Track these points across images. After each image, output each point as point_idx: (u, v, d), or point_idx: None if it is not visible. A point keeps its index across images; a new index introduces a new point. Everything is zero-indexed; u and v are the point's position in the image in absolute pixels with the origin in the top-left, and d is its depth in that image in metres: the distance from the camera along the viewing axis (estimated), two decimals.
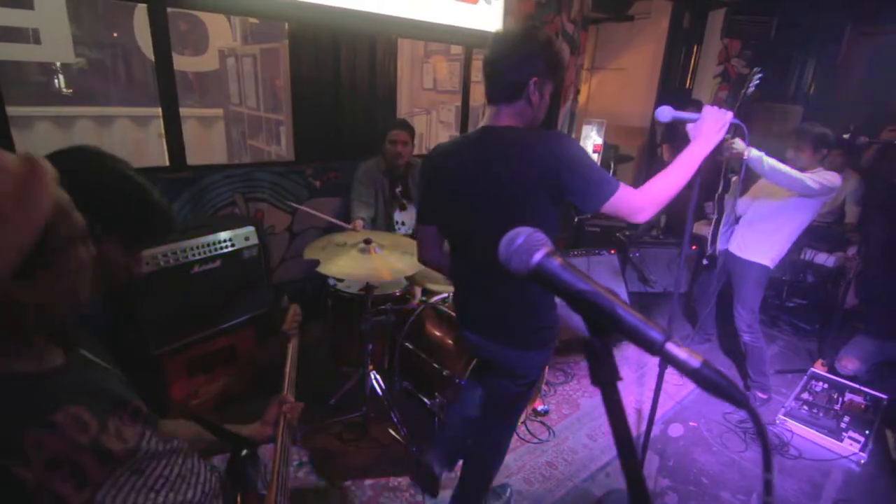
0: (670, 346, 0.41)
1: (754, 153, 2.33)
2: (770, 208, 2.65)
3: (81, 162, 0.84)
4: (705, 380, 0.39)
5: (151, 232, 0.92)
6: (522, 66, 1.30)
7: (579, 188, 1.28)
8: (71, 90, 4.68)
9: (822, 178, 2.43)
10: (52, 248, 0.61)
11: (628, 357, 3.25)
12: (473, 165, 1.37)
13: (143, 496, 0.76)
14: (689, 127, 1.45)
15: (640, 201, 1.28)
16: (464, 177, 1.39)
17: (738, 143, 2.33)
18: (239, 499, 0.97)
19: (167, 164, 2.63)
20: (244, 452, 1.04)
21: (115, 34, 4.67)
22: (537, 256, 0.48)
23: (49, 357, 0.73)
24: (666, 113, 1.46)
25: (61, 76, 4.66)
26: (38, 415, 0.65)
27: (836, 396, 2.81)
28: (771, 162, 2.35)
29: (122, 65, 4.75)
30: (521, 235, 0.50)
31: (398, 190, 2.86)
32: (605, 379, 0.44)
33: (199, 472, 0.89)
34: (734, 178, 2.64)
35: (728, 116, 1.38)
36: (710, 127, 1.36)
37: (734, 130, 2.20)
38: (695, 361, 0.40)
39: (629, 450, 0.44)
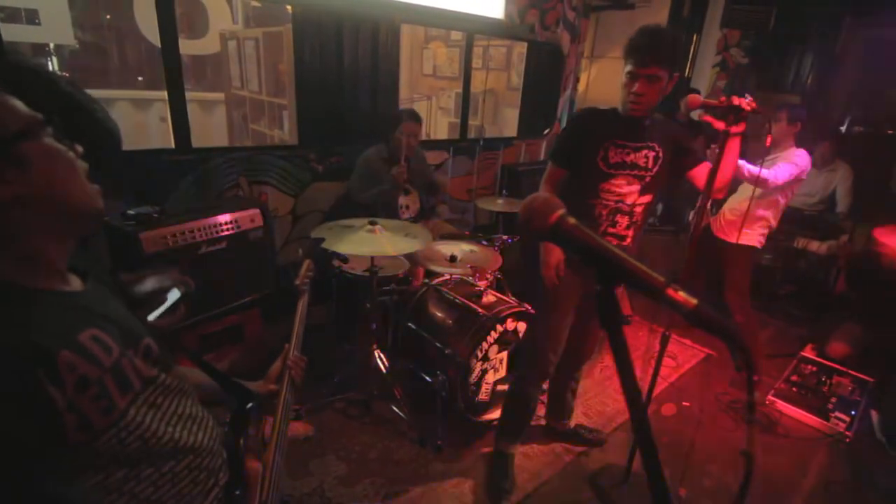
0: (670, 291, 0.47)
1: None
2: (749, 191, 2.73)
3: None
4: (702, 318, 0.45)
5: (97, 145, 0.89)
6: None
7: None
8: (65, 73, 4.67)
9: (786, 163, 2.55)
10: (13, 142, 0.63)
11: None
12: None
13: (162, 427, 0.77)
14: None
15: None
16: None
17: None
18: (240, 450, 0.97)
19: (172, 146, 2.66)
20: (248, 405, 1.06)
21: (108, 16, 4.65)
22: (554, 217, 0.54)
23: (70, 282, 0.74)
24: (697, 101, 1.66)
25: (54, 58, 4.64)
26: (69, 334, 0.66)
27: (824, 379, 2.90)
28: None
29: (121, 47, 4.74)
30: (540, 198, 0.56)
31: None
32: (613, 323, 0.50)
33: (206, 417, 0.90)
34: None
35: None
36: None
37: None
38: (692, 301, 0.46)
39: (634, 389, 0.50)
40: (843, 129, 4.66)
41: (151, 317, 1.11)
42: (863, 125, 4.10)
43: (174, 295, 1.19)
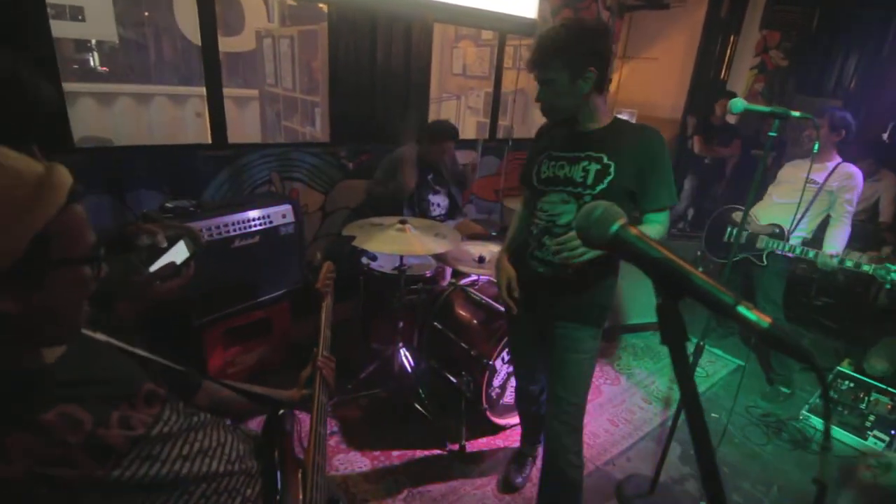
0: (742, 308, 0.45)
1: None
2: (788, 201, 2.65)
3: None
4: (776, 338, 0.43)
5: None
6: None
7: None
8: (106, 69, 4.81)
9: (848, 192, 2.52)
10: (43, 264, 0.59)
11: (653, 349, 3.27)
12: None
13: (163, 471, 0.75)
14: None
15: None
16: None
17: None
18: (277, 456, 0.98)
19: (209, 141, 2.72)
20: (280, 412, 1.06)
21: (147, 14, 4.77)
22: (615, 227, 0.53)
23: (44, 353, 0.69)
24: (739, 105, 1.60)
25: (95, 54, 4.80)
26: (28, 415, 0.62)
27: (861, 395, 2.79)
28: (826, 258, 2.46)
29: (160, 44, 4.86)
30: (600, 208, 0.55)
31: (430, 177, 2.90)
32: (675, 339, 0.49)
33: (224, 441, 0.88)
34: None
35: None
36: None
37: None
38: (765, 320, 0.44)
39: (696, 407, 0.48)
40: (885, 135, 4.47)
41: (153, 267, 1.10)
42: None
43: (181, 252, 1.16)
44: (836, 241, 2.52)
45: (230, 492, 0.84)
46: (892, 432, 2.51)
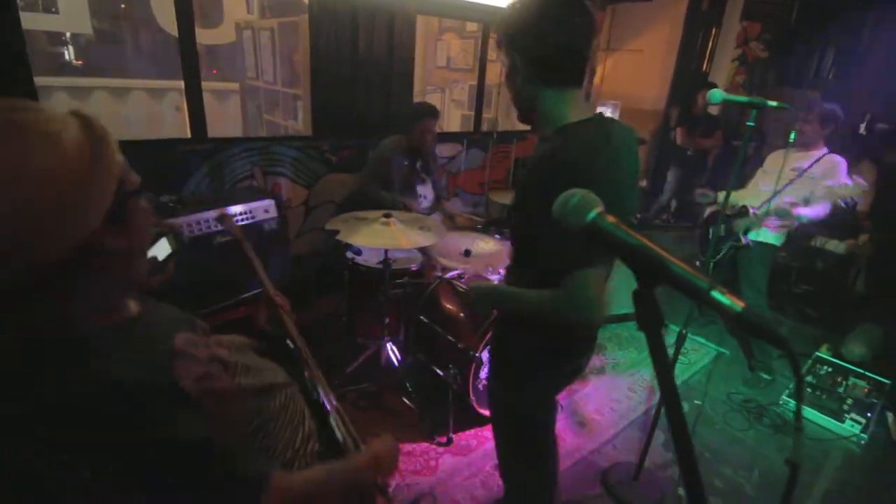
0: (716, 293, 0.46)
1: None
2: (769, 189, 2.70)
3: None
4: (749, 322, 0.44)
5: None
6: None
7: None
8: (81, 62, 4.68)
9: (831, 178, 2.53)
10: (126, 200, 0.66)
11: (638, 339, 3.31)
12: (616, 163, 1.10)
13: (255, 381, 0.85)
14: None
15: None
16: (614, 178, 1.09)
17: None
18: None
19: (188, 135, 2.67)
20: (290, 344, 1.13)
21: (123, 5, 4.65)
22: (592, 214, 0.53)
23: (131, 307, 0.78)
24: (718, 95, 1.61)
25: (71, 47, 4.66)
26: (167, 349, 0.71)
27: (839, 380, 2.86)
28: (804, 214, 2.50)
29: (137, 37, 4.74)
30: (577, 195, 0.55)
31: (419, 165, 2.90)
32: (651, 325, 0.49)
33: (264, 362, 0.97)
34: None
35: None
36: None
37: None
38: (738, 305, 0.44)
39: (672, 392, 0.49)
40: (862, 126, 4.57)
41: None
42: (888, 122, 4.00)
43: (164, 248, 1.14)
44: (808, 210, 2.54)
45: (294, 398, 0.94)
46: (869, 415, 2.58)
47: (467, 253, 2.39)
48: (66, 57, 4.68)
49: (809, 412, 2.65)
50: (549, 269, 1.03)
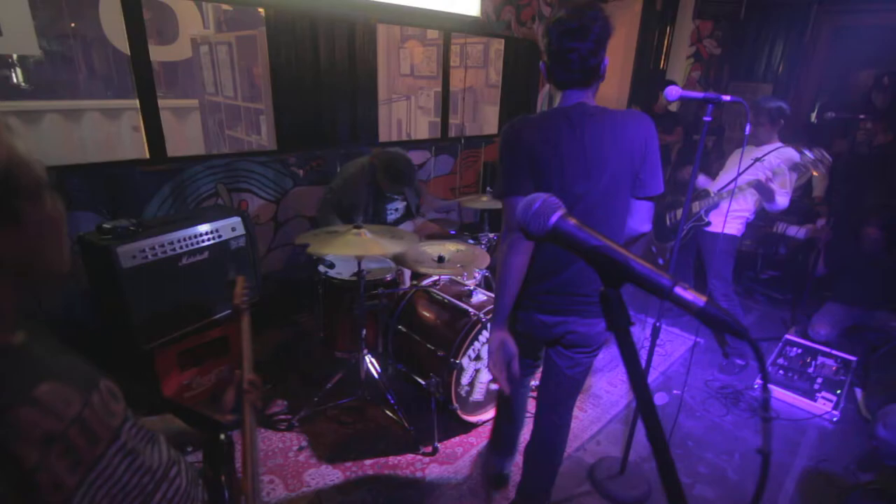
0: (678, 290, 0.46)
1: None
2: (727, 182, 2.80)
3: None
4: (711, 316, 0.44)
5: None
6: (600, 50, 1.31)
7: (650, 170, 1.36)
8: (30, 85, 4.50)
9: (784, 182, 2.67)
10: (15, 198, 0.59)
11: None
12: (569, 144, 1.32)
13: (134, 479, 0.72)
14: None
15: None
16: (559, 154, 1.33)
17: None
18: (224, 481, 0.93)
19: (147, 156, 2.59)
20: (222, 437, 0.98)
21: (73, 24, 4.49)
22: (554, 218, 0.53)
23: (16, 335, 0.67)
24: (674, 92, 1.63)
25: (18, 69, 4.47)
26: (26, 390, 0.61)
27: (809, 360, 2.96)
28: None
29: (89, 56, 4.59)
30: (539, 200, 0.54)
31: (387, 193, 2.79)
32: (620, 325, 0.49)
33: (178, 461, 0.85)
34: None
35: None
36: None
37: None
38: (700, 300, 0.45)
39: (643, 387, 0.48)
40: (813, 115, 4.77)
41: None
42: (835, 111, 4.19)
43: None
44: (777, 181, 2.65)
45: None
46: (839, 392, 2.68)
47: (440, 259, 2.38)
48: (14, 80, 4.49)
49: (783, 393, 2.73)
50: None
